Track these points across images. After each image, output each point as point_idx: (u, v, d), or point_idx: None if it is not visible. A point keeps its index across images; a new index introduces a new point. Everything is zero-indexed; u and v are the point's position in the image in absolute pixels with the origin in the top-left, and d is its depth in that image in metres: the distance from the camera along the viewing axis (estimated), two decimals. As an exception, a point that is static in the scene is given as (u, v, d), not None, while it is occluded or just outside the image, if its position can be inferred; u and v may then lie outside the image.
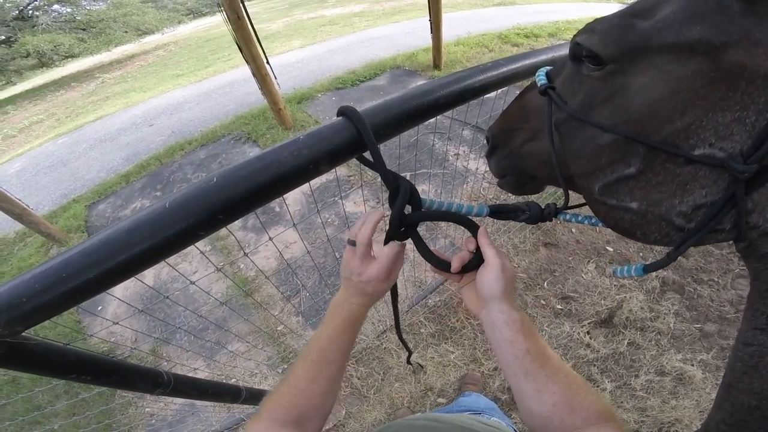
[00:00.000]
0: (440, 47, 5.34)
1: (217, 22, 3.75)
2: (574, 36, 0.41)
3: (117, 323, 0.89)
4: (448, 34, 6.23)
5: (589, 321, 1.96)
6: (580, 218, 0.58)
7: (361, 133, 0.57)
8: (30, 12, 16.41)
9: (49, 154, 6.37)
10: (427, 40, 5.35)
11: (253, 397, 1.30)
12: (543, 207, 0.60)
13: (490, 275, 0.53)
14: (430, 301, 2.14)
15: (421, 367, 1.87)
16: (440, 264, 0.58)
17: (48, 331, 2.23)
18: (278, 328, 2.21)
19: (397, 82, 5.54)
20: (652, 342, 1.83)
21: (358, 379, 1.89)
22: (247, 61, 3.88)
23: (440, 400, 1.76)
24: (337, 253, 2.47)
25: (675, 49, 0.33)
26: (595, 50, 0.38)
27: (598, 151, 0.40)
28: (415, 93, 0.69)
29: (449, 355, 1.90)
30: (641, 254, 2.29)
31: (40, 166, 5.93)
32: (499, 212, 0.61)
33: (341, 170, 3.49)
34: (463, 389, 1.72)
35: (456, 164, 3.26)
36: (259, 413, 0.49)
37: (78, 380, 0.65)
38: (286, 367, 2.04)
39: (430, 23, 4.98)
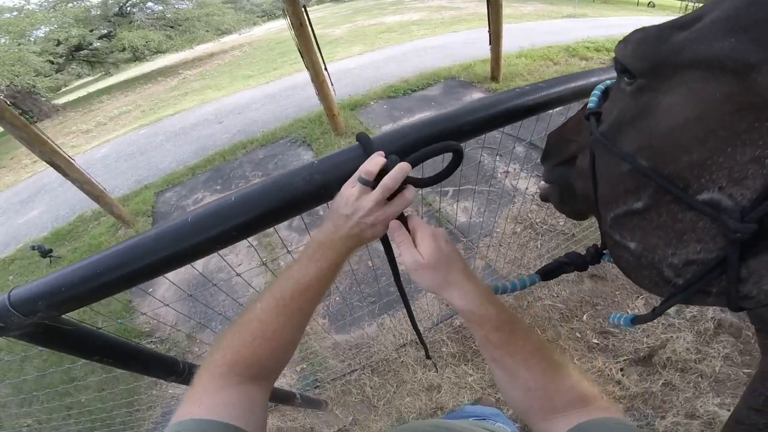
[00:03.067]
0: (499, 58, 5.20)
1: (286, 27, 4.07)
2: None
3: (158, 315, 0.97)
4: (510, 45, 6.05)
5: (625, 358, 1.81)
6: None
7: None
8: (128, 9, 18.47)
9: (131, 142, 7.16)
10: (487, 51, 5.23)
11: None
12: (584, 252, 0.59)
13: (410, 273, 0.49)
14: (456, 321, 2.08)
15: (435, 366, 1.88)
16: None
17: (102, 307, 2.48)
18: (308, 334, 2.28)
19: (451, 93, 5.48)
20: (690, 384, 1.66)
21: (371, 388, 1.89)
22: (307, 67, 4.07)
23: (448, 420, 1.73)
24: (369, 262, 2.50)
25: (706, 64, 0.28)
26: (623, 62, 0.34)
27: (618, 178, 0.37)
28: (437, 119, 0.67)
29: (467, 377, 1.84)
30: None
31: (122, 153, 6.69)
32: (547, 273, 0.62)
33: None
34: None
35: (504, 182, 3.15)
36: (213, 362, 0.42)
37: (101, 362, 0.72)
38: (304, 366, 2.10)
39: (489, 34, 4.87)
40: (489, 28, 4.82)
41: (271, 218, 0.58)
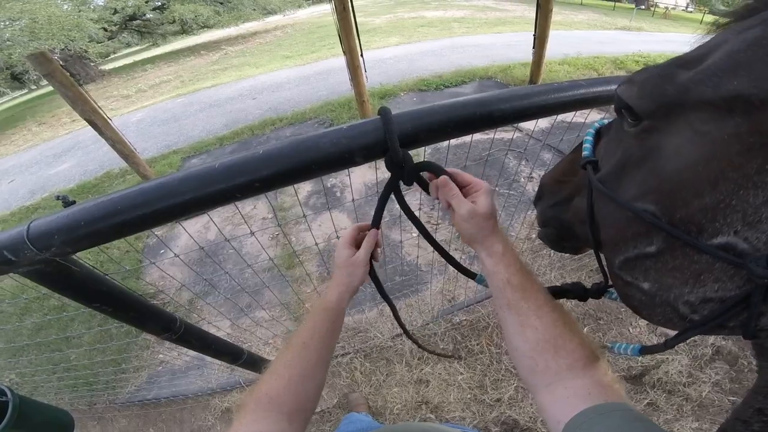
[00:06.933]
0: (541, 63, 5.04)
1: (330, 11, 4.12)
2: (618, 85, 0.37)
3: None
4: (555, 51, 5.88)
5: (617, 375, 1.77)
6: None
7: (386, 133, 0.57)
8: (183, -18, 18.87)
9: (166, 110, 7.40)
10: (528, 55, 5.08)
11: (253, 362, 1.34)
12: (589, 287, 0.58)
13: (459, 223, 0.54)
14: (456, 318, 2.05)
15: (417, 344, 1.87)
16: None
17: (109, 266, 2.52)
18: (307, 305, 2.29)
19: (484, 92, 5.36)
20: (673, 406, 1.63)
21: (361, 373, 1.87)
22: (344, 52, 4.08)
23: (430, 415, 1.69)
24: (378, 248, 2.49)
25: (712, 105, 0.27)
26: (629, 103, 0.34)
27: (625, 223, 0.37)
28: (467, 101, 0.67)
29: (457, 375, 1.81)
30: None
31: (157, 119, 6.92)
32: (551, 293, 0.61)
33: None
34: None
35: (526, 187, 3.07)
36: (244, 403, 0.49)
37: (100, 310, 0.73)
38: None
39: (534, 37, 4.74)
40: (535, 32, 4.68)
41: (295, 175, 0.59)
